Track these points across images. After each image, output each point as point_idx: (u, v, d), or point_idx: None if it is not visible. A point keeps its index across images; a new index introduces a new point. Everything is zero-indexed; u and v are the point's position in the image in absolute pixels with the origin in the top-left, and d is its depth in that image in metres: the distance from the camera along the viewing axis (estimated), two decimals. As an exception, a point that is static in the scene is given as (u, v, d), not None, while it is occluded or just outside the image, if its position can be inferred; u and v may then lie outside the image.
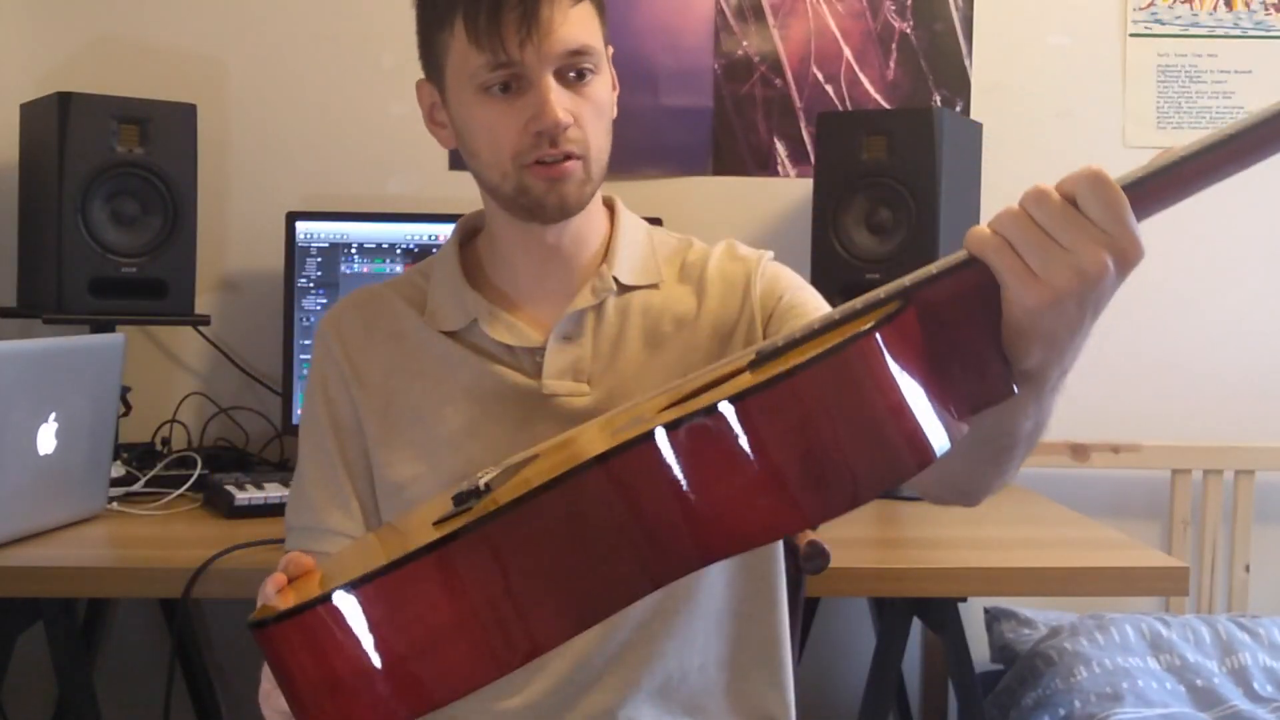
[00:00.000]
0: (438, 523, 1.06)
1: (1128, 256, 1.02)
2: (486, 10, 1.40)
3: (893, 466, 0.94)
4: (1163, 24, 2.91)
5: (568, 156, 1.45)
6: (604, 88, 1.50)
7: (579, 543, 0.97)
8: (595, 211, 1.60)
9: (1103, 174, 1.02)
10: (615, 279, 1.57)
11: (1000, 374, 1.04)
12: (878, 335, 0.93)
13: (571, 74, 1.45)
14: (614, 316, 1.57)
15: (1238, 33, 2.92)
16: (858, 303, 1.07)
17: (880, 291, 1.03)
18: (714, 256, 1.62)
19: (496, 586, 0.96)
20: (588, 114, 1.46)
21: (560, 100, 1.43)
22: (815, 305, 1.58)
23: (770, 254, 1.65)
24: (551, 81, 1.43)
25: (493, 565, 0.96)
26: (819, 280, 2.51)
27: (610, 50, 1.55)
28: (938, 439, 0.96)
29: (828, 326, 1.07)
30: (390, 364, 1.58)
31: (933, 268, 1.01)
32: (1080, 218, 0.99)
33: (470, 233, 1.67)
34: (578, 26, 1.44)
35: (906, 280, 1.01)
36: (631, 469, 0.95)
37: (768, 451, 0.93)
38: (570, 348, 1.55)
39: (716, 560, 0.98)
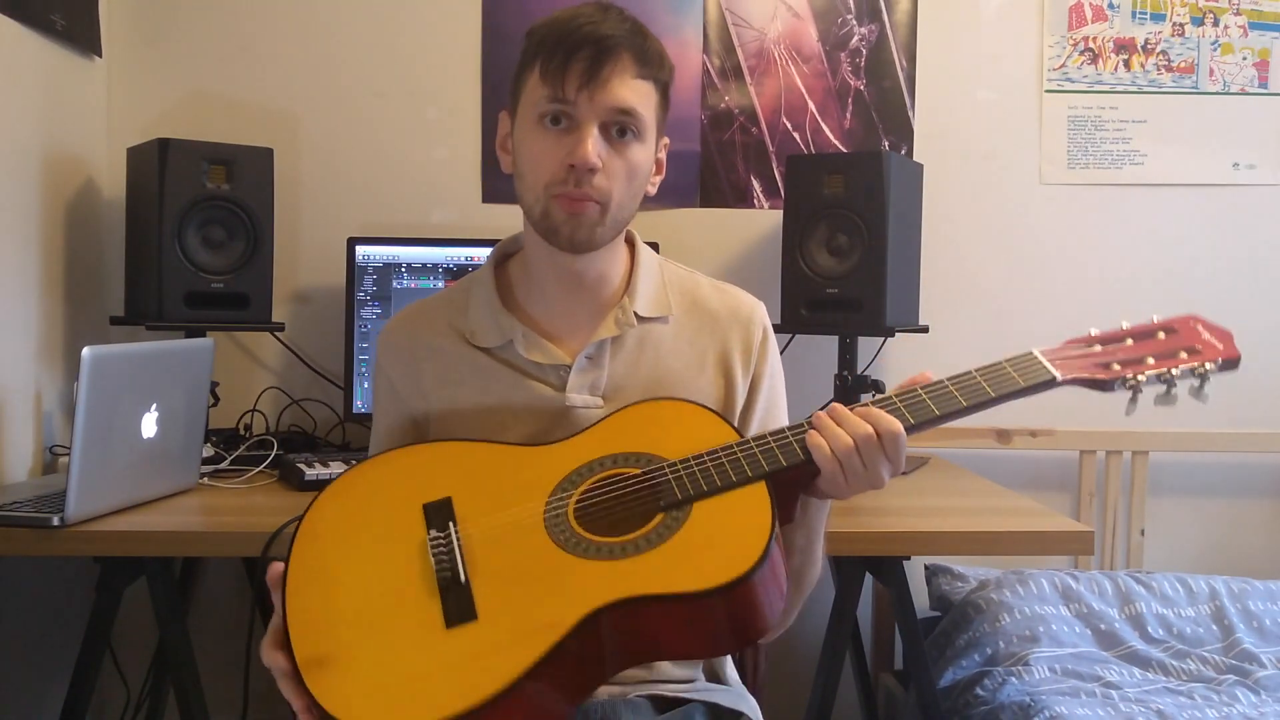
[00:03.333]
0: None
1: (896, 473, 1.34)
2: (561, 55, 1.41)
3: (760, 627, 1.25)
4: (1072, 81, 2.91)
5: (588, 198, 1.43)
6: (642, 154, 1.47)
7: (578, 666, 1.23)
8: (618, 250, 1.58)
9: (902, 433, 1.31)
10: (635, 313, 1.55)
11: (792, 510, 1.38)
12: (753, 577, 1.22)
13: (615, 130, 1.44)
14: (631, 344, 1.55)
15: (1134, 89, 2.91)
16: (755, 452, 1.34)
17: (748, 466, 1.32)
18: (719, 308, 1.61)
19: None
20: (618, 169, 1.44)
21: (596, 147, 1.42)
22: (762, 422, 1.60)
23: (764, 316, 1.63)
24: (595, 130, 1.42)
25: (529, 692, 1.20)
26: (789, 294, 2.57)
27: (665, 142, 1.54)
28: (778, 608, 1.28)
29: (727, 485, 1.31)
30: (437, 376, 1.57)
31: (782, 460, 1.32)
32: (881, 455, 1.31)
33: (503, 256, 1.64)
34: (631, 92, 1.43)
35: (766, 466, 1.32)
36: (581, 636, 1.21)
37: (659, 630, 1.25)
38: (591, 368, 1.53)
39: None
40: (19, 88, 2.35)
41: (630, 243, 1.62)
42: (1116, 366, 1.37)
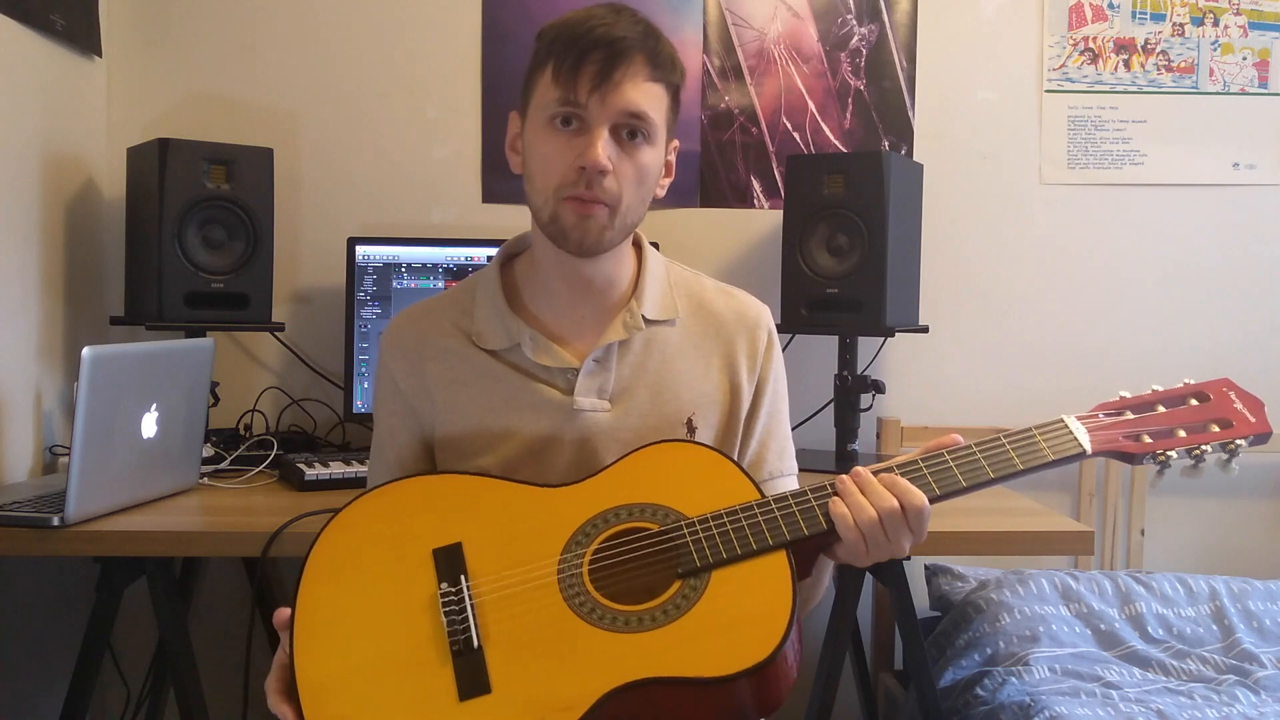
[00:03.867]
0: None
1: (916, 544, 1.34)
2: (574, 57, 1.40)
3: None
4: (1072, 81, 2.90)
5: (597, 200, 1.42)
6: (652, 157, 1.46)
7: None
8: (625, 253, 1.56)
9: (927, 508, 1.32)
10: (643, 316, 1.54)
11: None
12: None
13: (626, 133, 1.43)
14: (637, 347, 1.54)
15: (1134, 89, 2.91)
16: (777, 517, 1.34)
17: (769, 533, 1.31)
18: (725, 311, 1.60)
19: None
20: (628, 172, 1.43)
21: (607, 149, 1.40)
22: (764, 443, 1.60)
23: (770, 321, 1.62)
24: (605, 132, 1.41)
25: None
26: (789, 294, 2.57)
27: (675, 145, 1.54)
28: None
29: (746, 553, 1.30)
30: (442, 377, 1.55)
31: (804, 529, 1.31)
32: (905, 528, 1.31)
33: (509, 257, 1.63)
34: (642, 95, 1.42)
35: (788, 534, 1.31)
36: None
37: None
38: (599, 371, 1.52)
39: None
40: (19, 88, 2.35)
41: (637, 245, 1.61)
42: (1147, 439, 1.37)
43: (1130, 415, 1.39)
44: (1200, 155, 2.93)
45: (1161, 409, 1.40)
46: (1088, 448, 1.35)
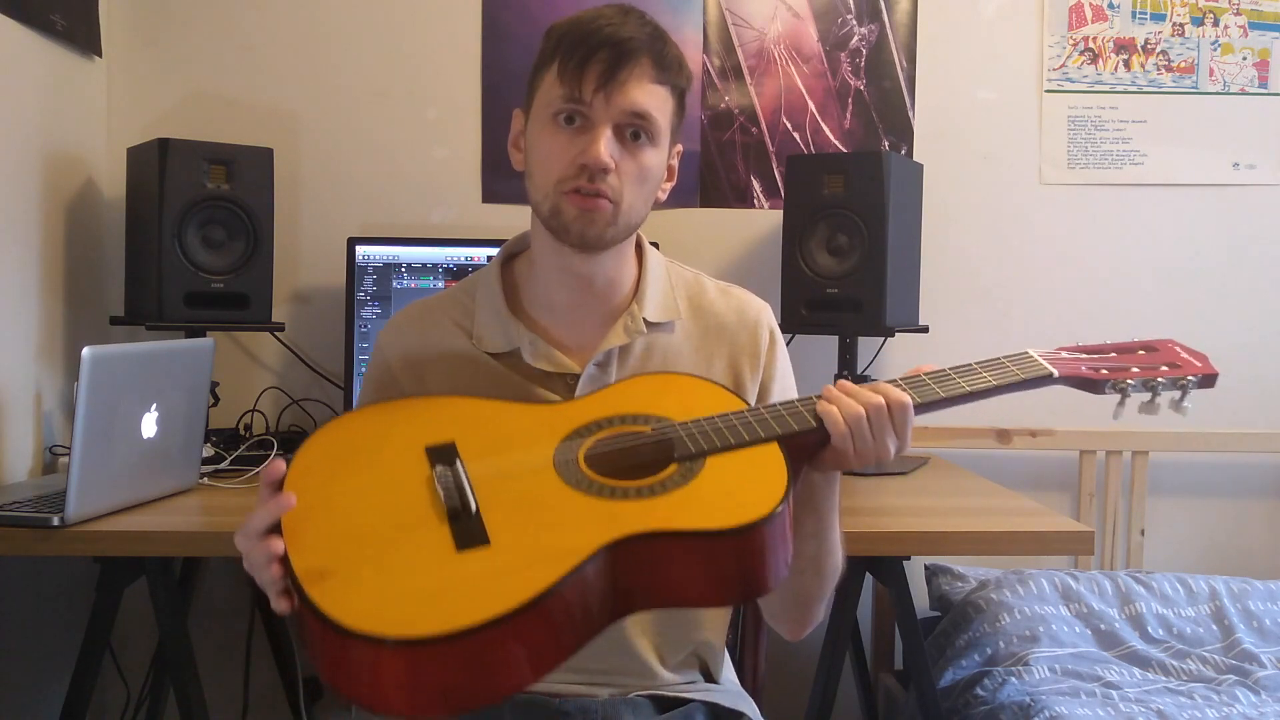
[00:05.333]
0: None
1: (902, 449, 1.36)
2: (580, 55, 1.40)
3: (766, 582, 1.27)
4: (1072, 81, 2.91)
5: (600, 195, 1.42)
6: (655, 159, 1.46)
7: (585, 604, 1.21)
8: (627, 255, 1.56)
9: (911, 406, 1.35)
10: (644, 320, 1.54)
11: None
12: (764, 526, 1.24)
13: (629, 133, 1.43)
14: (638, 351, 1.54)
15: (1135, 89, 2.91)
16: (766, 416, 1.36)
17: (760, 428, 1.34)
18: (725, 311, 1.60)
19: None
20: (630, 171, 1.43)
21: (609, 147, 1.41)
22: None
23: (771, 318, 1.63)
24: (608, 131, 1.41)
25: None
26: (788, 294, 2.57)
27: (679, 149, 1.54)
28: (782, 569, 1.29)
29: (740, 443, 1.33)
30: (442, 376, 1.54)
31: (794, 425, 1.34)
32: (889, 426, 1.34)
33: (509, 256, 1.62)
34: (647, 96, 1.42)
35: (778, 429, 1.33)
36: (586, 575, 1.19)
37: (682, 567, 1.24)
38: (600, 377, 1.51)
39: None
40: (19, 88, 2.35)
41: (638, 248, 1.60)
42: (1105, 371, 1.45)
43: (1086, 356, 1.48)
44: (1200, 155, 2.93)
45: (1114, 355, 1.49)
46: (1054, 371, 1.43)
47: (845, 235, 2.52)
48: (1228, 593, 2.57)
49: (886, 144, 2.88)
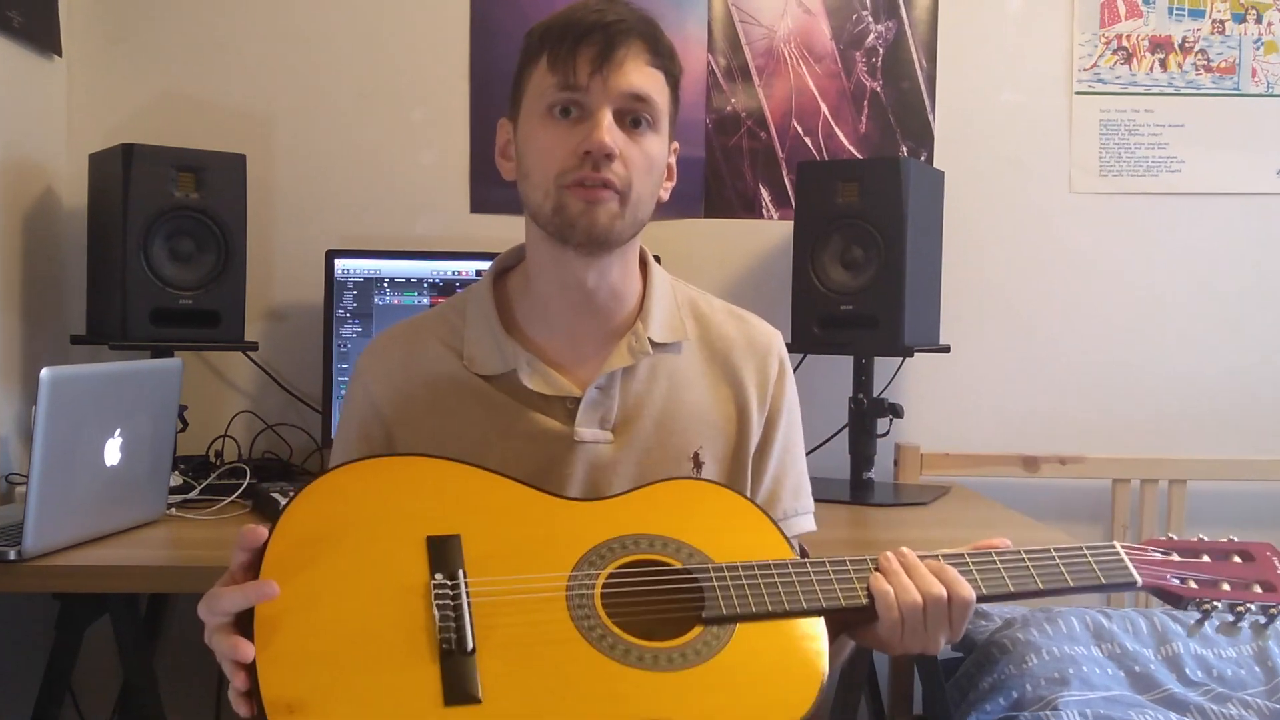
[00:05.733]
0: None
1: (952, 641, 1.35)
2: (570, 41, 1.41)
3: None
4: (1104, 83, 2.92)
5: (606, 185, 1.41)
6: (658, 147, 1.47)
7: None
8: (631, 265, 1.56)
9: (974, 603, 1.33)
10: (649, 339, 1.54)
11: None
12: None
13: (630, 119, 1.44)
14: (644, 374, 1.54)
15: (1171, 90, 2.93)
16: (813, 581, 1.34)
17: (804, 597, 1.31)
18: (734, 336, 1.60)
19: None
20: (635, 157, 1.43)
21: (612, 133, 1.41)
22: (778, 480, 1.61)
23: (782, 347, 1.63)
24: (609, 116, 1.41)
25: None
26: (800, 311, 2.57)
27: (676, 146, 1.54)
28: None
29: (778, 612, 1.30)
30: (430, 403, 1.53)
31: (841, 600, 1.31)
32: (945, 620, 1.32)
33: (502, 271, 1.62)
34: (645, 78, 1.43)
35: (824, 602, 1.30)
36: None
37: None
38: (602, 399, 1.51)
39: None
40: (-27, 90, 2.37)
41: (643, 262, 1.60)
42: (1194, 585, 1.45)
43: (1177, 558, 1.47)
44: (1242, 162, 2.95)
45: (1207, 559, 1.48)
46: (1139, 580, 1.41)
47: (860, 247, 2.53)
48: (1274, 632, 2.57)
49: (905, 149, 2.89)
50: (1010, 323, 2.94)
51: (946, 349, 2.73)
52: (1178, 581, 1.43)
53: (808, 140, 2.90)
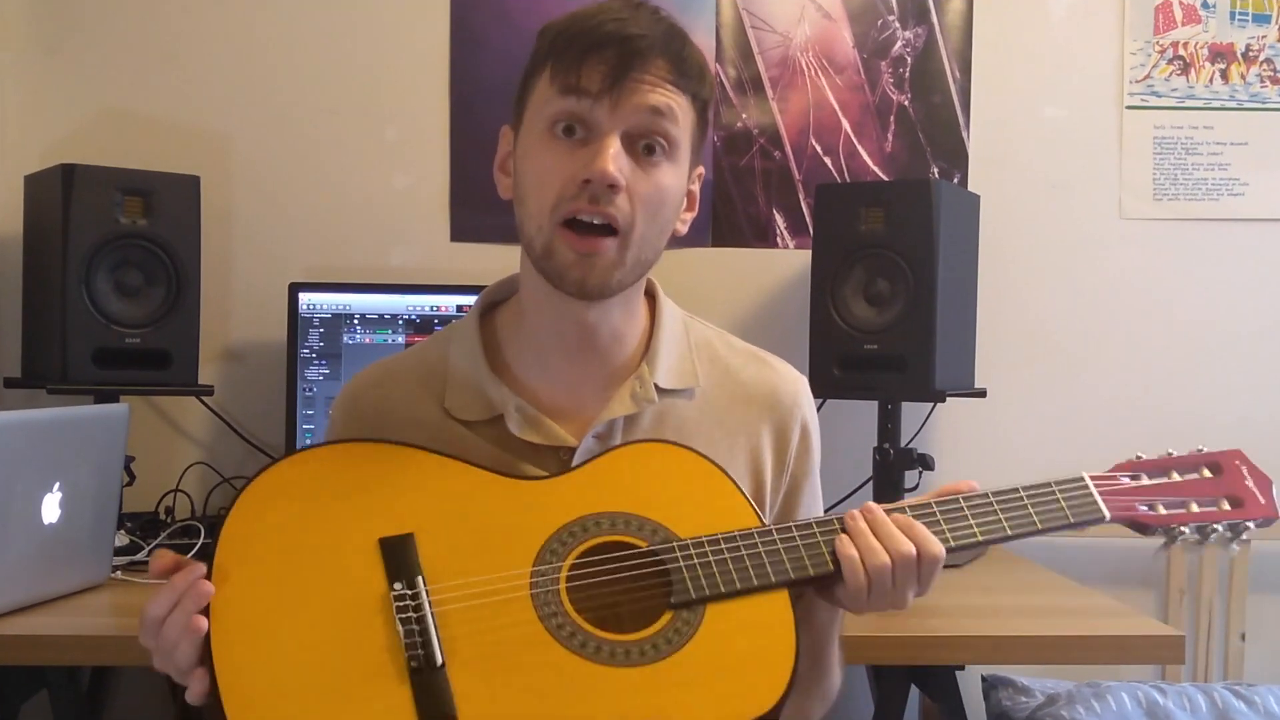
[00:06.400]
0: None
1: (920, 596, 1.42)
2: (578, 51, 1.39)
3: None
4: (1159, 96, 2.94)
5: (605, 226, 1.39)
6: (673, 179, 1.44)
7: None
8: (636, 302, 1.55)
9: (943, 556, 1.40)
10: (655, 384, 1.52)
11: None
12: None
13: (642, 147, 1.41)
14: (648, 423, 1.53)
15: (1234, 105, 2.95)
16: (780, 550, 1.42)
17: (771, 569, 1.39)
18: (754, 386, 1.60)
19: None
20: (642, 192, 1.41)
21: (618, 160, 1.38)
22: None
23: (808, 401, 1.65)
24: (616, 142, 1.38)
25: None
26: (818, 351, 2.57)
27: (700, 172, 1.53)
28: None
29: (746, 588, 1.38)
30: None
31: (809, 567, 1.39)
32: (914, 577, 1.39)
33: (490, 306, 1.61)
34: (664, 99, 1.40)
35: (791, 572, 1.38)
36: None
37: None
38: (599, 450, 1.49)
39: None
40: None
41: (651, 295, 1.59)
42: (1161, 509, 1.55)
43: (1146, 480, 1.58)
44: (1313, 185, 2.96)
45: (1176, 476, 1.58)
46: (1107, 515, 1.51)
47: (886, 280, 2.54)
48: (1346, 707, 2.60)
49: (936, 171, 2.90)
50: (1053, 364, 2.95)
51: (982, 393, 2.73)
52: (1145, 509, 1.53)
53: (827, 160, 2.91)
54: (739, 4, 2.90)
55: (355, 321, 2.63)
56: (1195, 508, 1.56)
